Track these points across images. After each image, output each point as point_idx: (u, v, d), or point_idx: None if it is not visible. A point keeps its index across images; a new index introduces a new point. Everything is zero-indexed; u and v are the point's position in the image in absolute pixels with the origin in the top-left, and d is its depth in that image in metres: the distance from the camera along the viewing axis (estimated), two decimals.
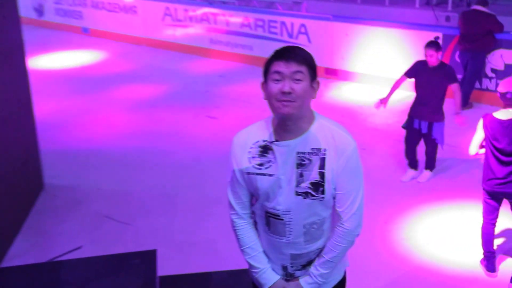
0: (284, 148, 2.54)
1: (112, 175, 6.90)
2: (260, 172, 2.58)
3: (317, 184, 2.53)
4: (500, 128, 4.52)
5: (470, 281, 4.79)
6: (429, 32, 9.11)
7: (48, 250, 5.32)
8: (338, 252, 2.65)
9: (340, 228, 2.62)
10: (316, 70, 2.52)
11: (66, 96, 9.90)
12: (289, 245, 2.65)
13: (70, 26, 14.90)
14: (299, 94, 2.43)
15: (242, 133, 2.68)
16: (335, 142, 2.53)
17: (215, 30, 11.90)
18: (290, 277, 2.74)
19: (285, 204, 2.57)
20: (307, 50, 2.52)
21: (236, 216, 2.76)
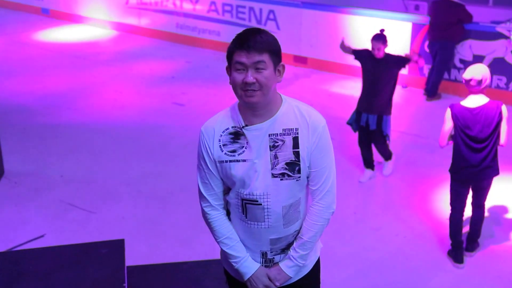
0: (256, 132, 2.52)
1: (75, 162, 6.70)
2: (233, 159, 2.55)
3: (293, 164, 2.53)
4: (470, 116, 4.53)
5: (437, 270, 4.79)
6: (398, 21, 9.11)
7: (9, 239, 5.16)
8: (316, 231, 2.66)
9: (315, 207, 2.64)
10: (279, 54, 2.49)
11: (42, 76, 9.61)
12: (269, 230, 2.62)
13: (30, 6, 14.45)
14: (263, 83, 2.42)
15: (210, 122, 2.64)
16: (306, 120, 2.54)
17: (181, 14, 11.69)
18: (270, 263, 2.72)
19: (262, 188, 2.54)
20: (268, 34, 2.47)
21: (209, 208, 2.69)
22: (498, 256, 4.96)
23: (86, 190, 6.07)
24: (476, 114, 4.51)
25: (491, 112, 4.49)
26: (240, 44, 2.42)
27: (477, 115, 4.51)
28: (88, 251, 3.79)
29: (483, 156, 4.56)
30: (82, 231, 5.30)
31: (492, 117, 4.49)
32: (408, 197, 5.91)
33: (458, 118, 4.57)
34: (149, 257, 4.77)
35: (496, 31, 8.23)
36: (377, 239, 5.22)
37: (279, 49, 2.49)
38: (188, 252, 4.95)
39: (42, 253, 3.83)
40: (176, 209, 5.68)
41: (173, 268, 3.96)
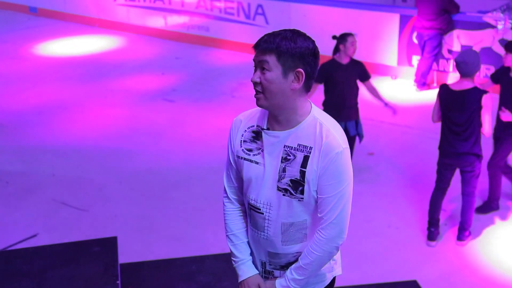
0: (273, 139, 2.42)
1: (66, 160, 6.68)
2: (248, 157, 2.49)
3: (296, 183, 2.40)
4: (452, 98, 4.66)
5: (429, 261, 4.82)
6: (387, 13, 9.12)
7: (1, 239, 5.13)
8: (312, 259, 2.46)
9: (317, 235, 2.45)
10: (298, 58, 2.30)
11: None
12: (267, 241, 2.54)
13: (16, 5, 14.34)
14: (264, 85, 2.31)
15: (241, 115, 2.57)
16: (322, 141, 2.35)
17: (170, 10, 11.65)
18: (269, 274, 2.63)
19: (266, 197, 2.46)
20: (291, 35, 2.31)
21: (227, 200, 2.67)
22: (490, 247, 5.00)
23: (78, 188, 6.06)
24: (457, 97, 4.62)
25: (470, 97, 4.58)
26: (256, 41, 2.36)
27: (457, 97, 4.62)
28: (81, 249, 3.80)
29: (462, 141, 4.68)
30: (74, 229, 5.30)
31: (470, 102, 4.58)
32: (400, 187, 5.94)
33: (442, 98, 4.73)
34: (143, 255, 4.77)
35: (483, 21, 8.26)
36: (369, 231, 5.25)
37: (299, 54, 2.30)
38: (182, 248, 4.95)
39: (34, 252, 3.83)
40: (169, 206, 5.68)
41: (166, 264, 3.97)
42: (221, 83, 8.97)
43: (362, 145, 6.20)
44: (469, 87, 4.61)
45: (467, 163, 4.74)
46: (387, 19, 9.09)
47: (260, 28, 10.18)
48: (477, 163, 4.76)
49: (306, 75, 2.33)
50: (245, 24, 10.58)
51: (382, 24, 9.13)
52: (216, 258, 4.00)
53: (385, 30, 9.08)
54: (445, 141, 4.79)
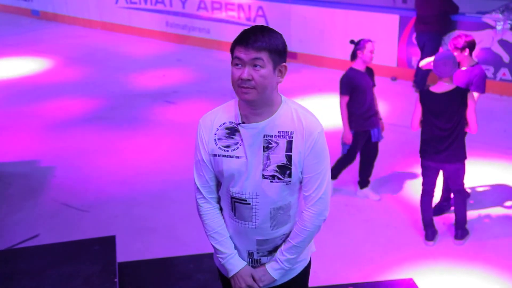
0: (251, 131, 2.49)
1: (67, 161, 6.72)
2: (226, 154, 2.53)
3: (284, 167, 2.50)
4: (435, 101, 4.68)
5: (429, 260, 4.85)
6: (387, 14, 9.16)
7: (3, 240, 5.17)
8: (305, 236, 2.61)
9: (307, 213, 2.59)
10: (282, 54, 2.44)
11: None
12: (255, 230, 2.60)
13: (19, 8, 14.45)
14: (258, 82, 2.38)
15: (209, 115, 2.62)
16: (302, 125, 2.49)
17: (171, 12, 11.72)
18: (256, 263, 2.71)
19: (251, 187, 2.53)
20: (273, 32, 2.43)
21: (203, 201, 2.69)
22: (488, 246, 5.02)
23: (79, 189, 6.10)
24: (441, 100, 4.65)
25: (456, 99, 4.62)
26: (240, 39, 2.40)
27: (441, 101, 4.65)
28: (80, 248, 3.83)
29: (447, 142, 4.71)
30: (75, 230, 5.33)
31: (456, 103, 4.62)
32: (399, 188, 5.97)
33: (425, 102, 4.74)
34: (143, 255, 4.80)
35: (482, 22, 8.30)
36: (368, 231, 5.28)
37: (282, 50, 2.43)
38: (181, 248, 4.98)
39: (34, 251, 3.87)
40: (169, 207, 5.72)
41: (164, 263, 4.00)
42: (222, 84, 9.01)
43: None
44: (451, 87, 4.65)
45: (455, 164, 4.79)
46: (387, 20, 9.14)
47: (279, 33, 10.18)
48: (462, 163, 4.82)
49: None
50: (245, 26, 10.51)
51: (382, 25, 9.17)
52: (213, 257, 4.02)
53: (384, 31, 9.11)
54: (428, 145, 4.80)
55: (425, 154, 4.87)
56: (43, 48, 11.64)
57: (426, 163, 4.90)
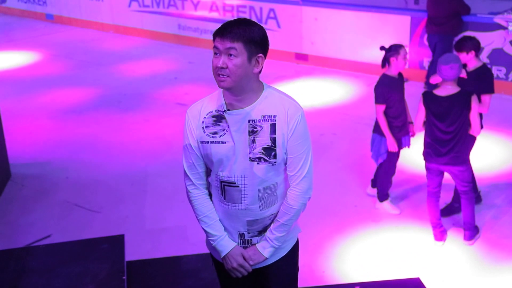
0: (236, 117, 2.65)
1: (80, 163, 6.80)
2: (214, 140, 2.68)
3: (269, 149, 2.65)
4: (439, 105, 4.66)
5: (438, 260, 4.84)
6: (398, 15, 9.16)
7: (16, 240, 5.25)
8: (292, 215, 2.76)
9: (292, 192, 2.75)
10: (259, 44, 2.57)
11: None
12: (245, 211, 2.75)
13: (34, 12, 14.61)
14: (232, 70, 2.53)
15: (195, 105, 2.78)
16: (284, 108, 2.65)
17: (183, 15, 11.79)
18: (248, 244, 2.84)
19: (240, 170, 2.68)
20: (251, 24, 2.58)
21: (192, 187, 2.84)
22: (497, 246, 5.00)
23: (91, 190, 6.17)
24: (444, 103, 4.62)
25: (458, 102, 4.58)
26: (218, 30, 2.57)
27: (445, 104, 4.62)
28: (89, 246, 3.89)
29: (449, 145, 4.68)
30: (87, 230, 5.39)
31: (460, 106, 4.59)
32: (409, 188, 5.96)
33: (428, 105, 4.72)
34: (152, 254, 4.84)
35: (494, 22, 8.26)
36: (377, 231, 5.29)
37: (259, 40, 2.57)
38: (190, 247, 5.01)
39: (44, 250, 3.93)
40: (179, 207, 5.75)
41: (172, 261, 4.04)
42: None
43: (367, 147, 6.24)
44: (455, 90, 4.61)
45: (459, 166, 4.76)
46: (398, 21, 9.13)
47: (272, 32, 10.25)
48: (466, 165, 4.79)
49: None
50: None
51: (393, 27, 9.17)
52: None
53: (396, 32, 9.11)
54: (431, 148, 4.78)
55: (428, 157, 4.85)
56: (56, 50, 11.77)
57: (429, 165, 4.89)
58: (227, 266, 2.83)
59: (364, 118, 7.63)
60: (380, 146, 5.37)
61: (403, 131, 5.38)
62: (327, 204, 5.66)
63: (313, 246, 4.99)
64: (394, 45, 5.26)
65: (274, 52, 9.79)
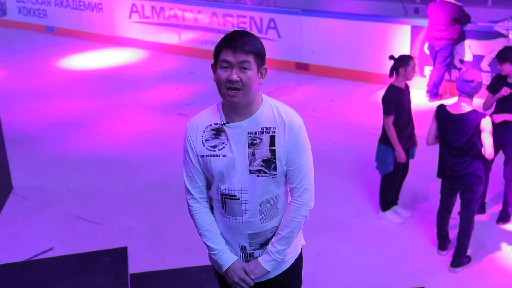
0: (236, 129, 2.63)
1: (81, 175, 6.78)
2: (214, 153, 2.66)
3: (269, 161, 2.63)
4: (449, 121, 4.56)
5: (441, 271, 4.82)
6: (398, 24, 9.17)
7: (18, 253, 5.23)
8: (293, 227, 2.73)
9: (293, 204, 2.72)
10: (263, 57, 2.60)
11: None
12: (246, 224, 2.72)
13: (35, 25, 14.64)
14: (246, 83, 2.52)
15: (195, 119, 2.77)
16: (283, 120, 2.63)
17: (183, 26, 11.81)
18: (250, 257, 2.81)
19: (240, 183, 2.66)
20: (254, 36, 2.58)
21: (193, 201, 2.82)
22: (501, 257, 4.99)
23: (93, 202, 6.15)
24: (455, 121, 4.52)
25: (469, 122, 4.46)
26: (228, 43, 2.53)
27: (455, 121, 4.52)
28: (92, 259, 3.86)
29: (460, 162, 4.57)
30: (89, 242, 5.37)
31: (468, 127, 4.46)
32: (412, 197, 5.94)
33: (440, 120, 4.64)
34: (155, 266, 4.82)
35: (494, 30, 8.27)
36: (380, 241, 5.27)
37: (264, 53, 2.59)
38: (194, 259, 4.98)
39: (47, 263, 3.90)
40: (182, 219, 5.70)
41: (175, 273, 4.02)
42: None
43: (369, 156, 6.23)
44: (468, 110, 4.48)
45: (468, 186, 4.61)
46: (399, 30, 9.14)
47: (272, 41, 10.28)
48: (478, 186, 4.62)
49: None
50: None
51: (394, 35, 9.18)
52: None
53: (396, 41, 9.12)
54: (444, 164, 4.68)
55: (439, 172, 4.78)
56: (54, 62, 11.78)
57: (442, 181, 4.81)
58: (229, 280, 2.80)
59: (365, 127, 7.63)
60: (386, 157, 5.33)
61: (410, 142, 5.35)
62: (330, 213, 5.65)
63: (316, 256, 4.97)
64: (404, 55, 5.24)
65: (274, 61, 9.84)
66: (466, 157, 4.55)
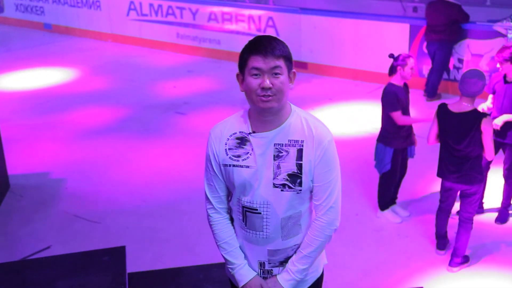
0: (262, 140, 2.51)
1: (79, 173, 6.76)
2: (237, 163, 2.54)
3: (294, 176, 2.51)
4: (450, 121, 4.53)
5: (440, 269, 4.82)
6: (397, 23, 9.16)
7: (16, 252, 5.21)
8: (316, 246, 2.60)
9: (317, 222, 2.59)
10: (292, 60, 2.49)
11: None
12: (267, 240, 2.60)
13: (32, 22, 14.61)
14: (279, 88, 2.41)
15: (219, 125, 2.64)
16: (312, 133, 2.51)
17: (181, 24, 11.79)
18: (268, 274, 2.69)
19: (262, 196, 2.53)
20: (281, 40, 2.47)
21: (212, 211, 2.70)
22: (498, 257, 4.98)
23: (90, 201, 6.13)
24: (454, 120, 4.50)
25: (469, 122, 4.44)
26: (257, 49, 2.41)
27: (455, 120, 4.50)
28: (90, 258, 3.85)
29: (460, 162, 4.55)
30: (87, 241, 5.35)
31: (469, 126, 4.44)
32: (410, 196, 5.94)
33: (441, 119, 4.61)
34: (154, 265, 4.81)
35: (493, 30, 8.26)
36: (379, 240, 5.26)
37: (291, 56, 2.49)
38: (192, 258, 4.98)
39: (44, 263, 3.89)
40: (180, 218, 5.73)
41: (174, 273, 4.00)
42: (232, 95, 9.04)
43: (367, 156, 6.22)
44: (469, 109, 4.45)
45: (468, 186, 4.59)
46: (397, 29, 9.13)
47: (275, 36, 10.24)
48: (478, 186, 4.60)
49: None
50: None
51: (392, 35, 9.17)
52: (223, 267, 3.97)
53: (395, 40, 9.11)
54: (444, 164, 4.66)
55: (440, 172, 4.75)
56: (54, 60, 11.74)
57: (442, 181, 4.78)
58: None
59: (364, 125, 7.62)
60: (384, 155, 5.33)
61: (408, 141, 5.34)
62: None
63: None
64: (402, 54, 5.23)
65: None
66: (466, 157, 4.52)
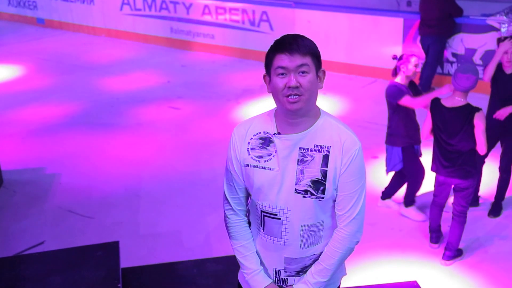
0: (286, 142, 2.40)
1: (72, 168, 6.74)
2: (258, 164, 2.44)
3: (318, 183, 2.39)
4: (443, 115, 4.54)
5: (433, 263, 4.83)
6: (391, 17, 9.16)
7: (9, 247, 5.19)
8: (336, 259, 2.49)
9: (339, 233, 2.47)
10: (320, 59, 2.38)
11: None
12: (284, 247, 2.50)
13: (25, 17, 14.56)
14: (307, 87, 2.30)
15: (244, 124, 2.53)
16: (341, 140, 2.39)
17: (175, 19, 11.76)
18: (283, 283, 2.59)
19: (283, 201, 2.43)
20: (307, 37, 2.37)
21: (231, 212, 2.59)
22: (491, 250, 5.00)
23: (84, 196, 6.11)
24: (448, 114, 4.50)
25: (461, 117, 4.45)
26: (282, 47, 2.31)
27: (448, 115, 4.50)
28: (83, 254, 3.84)
29: (453, 156, 4.56)
30: (81, 236, 5.34)
31: (462, 121, 4.45)
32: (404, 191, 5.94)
33: (434, 113, 4.61)
34: (147, 260, 4.81)
35: (486, 24, 8.27)
36: (372, 234, 5.26)
37: (319, 54, 2.37)
38: (186, 253, 4.99)
39: (38, 258, 3.88)
40: (173, 212, 5.72)
41: (168, 268, 4.00)
42: (226, 90, 9.03)
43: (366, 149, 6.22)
44: (462, 104, 4.46)
45: (461, 180, 4.60)
46: (391, 23, 9.13)
47: (265, 34, 10.24)
48: (471, 180, 4.61)
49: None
50: (250, 31, 10.65)
51: (386, 29, 9.17)
52: (217, 261, 4.03)
53: (389, 34, 9.11)
54: (438, 158, 4.67)
55: (433, 166, 4.75)
56: (46, 55, 11.70)
57: (435, 176, 4.79)
58: None
59: (359, 120, 7.62)
60: (391, 156, 5.32)
61: (415, 140, 5.29)
62: None
63: None
64: (405, 53, 5.23)
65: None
66: (459, 151, 4.53)
